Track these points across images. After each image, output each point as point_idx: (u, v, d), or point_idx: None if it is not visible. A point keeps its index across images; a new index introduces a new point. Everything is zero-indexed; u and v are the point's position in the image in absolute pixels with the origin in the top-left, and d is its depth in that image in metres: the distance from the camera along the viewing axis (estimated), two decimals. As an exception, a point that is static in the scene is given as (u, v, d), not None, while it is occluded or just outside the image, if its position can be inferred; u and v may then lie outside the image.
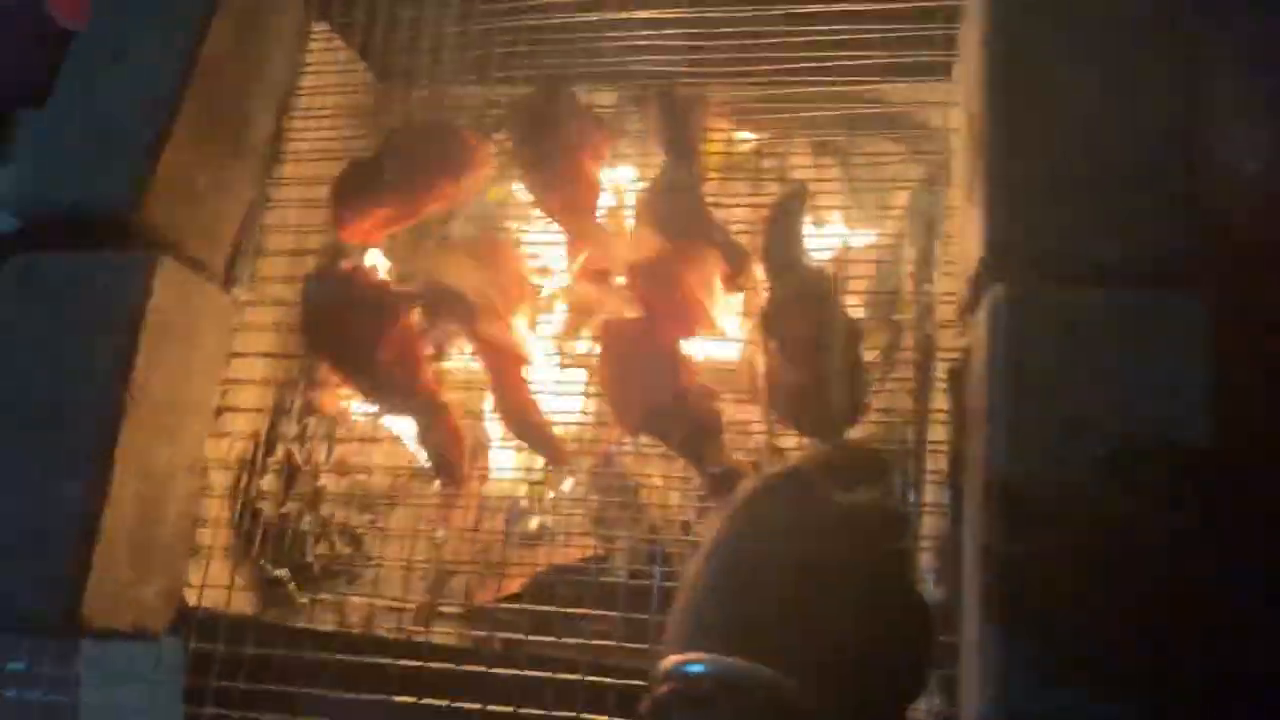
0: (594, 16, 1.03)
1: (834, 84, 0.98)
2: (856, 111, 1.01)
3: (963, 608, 0.79)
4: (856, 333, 0.86)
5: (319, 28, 1.16)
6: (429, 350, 0.96)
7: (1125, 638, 0.67)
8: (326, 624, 1.03)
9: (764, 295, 0.89)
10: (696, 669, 0.48)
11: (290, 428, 1.02)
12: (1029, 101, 0.80)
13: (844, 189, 0.99)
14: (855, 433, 0.85)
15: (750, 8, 1.01)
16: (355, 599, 1.03)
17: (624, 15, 1.03)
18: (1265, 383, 0.82)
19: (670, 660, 0.49)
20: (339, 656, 0.89)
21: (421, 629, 0.96)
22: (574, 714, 0.82)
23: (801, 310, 0.87)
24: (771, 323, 0.86)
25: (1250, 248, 0.87)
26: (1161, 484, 0.70)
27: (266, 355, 1.04)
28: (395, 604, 0.99)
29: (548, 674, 0.83)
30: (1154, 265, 0.75)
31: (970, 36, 0.87)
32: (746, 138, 1.07)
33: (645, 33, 1.02)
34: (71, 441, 0.87)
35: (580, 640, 0.86)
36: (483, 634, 0.91)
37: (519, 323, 0.91)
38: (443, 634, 0.94)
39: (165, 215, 0.95)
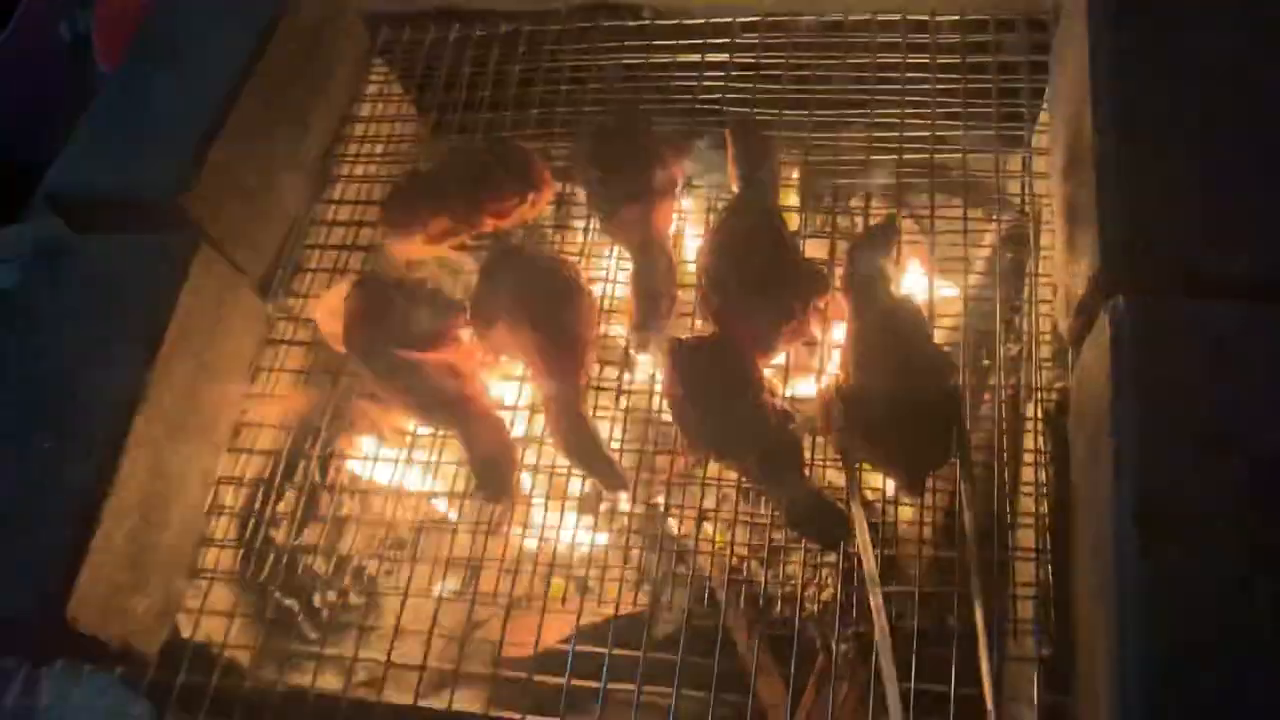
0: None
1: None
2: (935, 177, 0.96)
3: (1080, 644, 0.71)
4: (950, 364, 0.80)
5: (379, 65, 1.13)
6: (477, 361, 0.88)
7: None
8: (331, 682, 0.90)
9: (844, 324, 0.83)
10: None
11: (315, 448, 0.92)
12: (1141, 111, 0.77)
13: (925, 246, 0.93)
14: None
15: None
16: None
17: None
18: None
19: None
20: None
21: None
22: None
23: (892, 337, 0.81)
24: (859, 349, 0.80)
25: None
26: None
27: (297, 371, 0.95)
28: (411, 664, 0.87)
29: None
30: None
31: (1068, 52, 0.85)
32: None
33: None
34: (84, 422, 0.79)
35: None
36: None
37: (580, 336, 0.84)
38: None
39: (209, 208, 0.89)
